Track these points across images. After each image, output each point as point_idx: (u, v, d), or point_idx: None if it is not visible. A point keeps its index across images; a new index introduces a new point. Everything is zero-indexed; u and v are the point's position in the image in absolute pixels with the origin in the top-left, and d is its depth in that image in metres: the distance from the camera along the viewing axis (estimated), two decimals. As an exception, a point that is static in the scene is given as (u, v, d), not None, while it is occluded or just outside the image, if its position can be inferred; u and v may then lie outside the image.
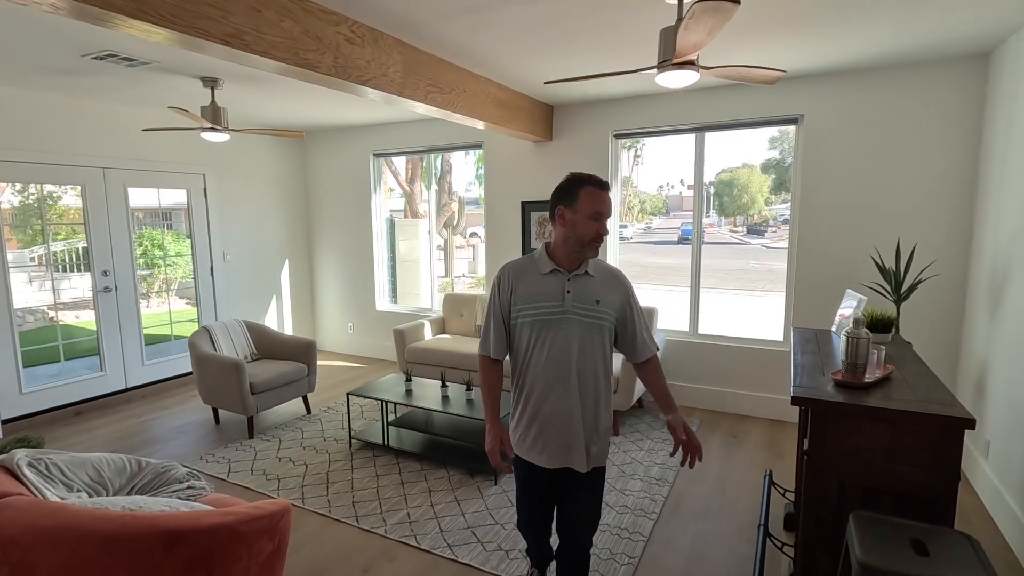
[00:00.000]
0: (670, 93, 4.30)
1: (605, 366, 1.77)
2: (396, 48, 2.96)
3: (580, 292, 1.73)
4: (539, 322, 1.73)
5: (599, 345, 1.74)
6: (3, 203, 4.15)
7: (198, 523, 1.72)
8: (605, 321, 1.75)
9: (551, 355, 1.72)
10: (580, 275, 1.75)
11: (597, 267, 1.80)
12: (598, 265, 1.80)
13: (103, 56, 3.20)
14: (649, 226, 23.10)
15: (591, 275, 1.76)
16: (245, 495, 3.19)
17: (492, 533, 2.78)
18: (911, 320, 3.69)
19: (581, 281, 1.75)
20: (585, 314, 1.72)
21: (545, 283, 1.75)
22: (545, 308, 1.73)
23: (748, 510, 2.97)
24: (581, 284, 1.74)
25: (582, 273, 1.75)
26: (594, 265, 1.79)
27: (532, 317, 1.74)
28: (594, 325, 1.73)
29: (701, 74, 2.38)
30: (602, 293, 1.75)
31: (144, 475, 2.42)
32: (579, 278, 1.75)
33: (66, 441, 3.97)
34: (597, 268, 1.79)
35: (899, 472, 1.67)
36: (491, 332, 1.85)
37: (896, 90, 3.63)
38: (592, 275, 1.76)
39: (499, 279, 1.82)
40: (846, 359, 1.86)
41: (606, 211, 1.71)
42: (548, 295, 1.73)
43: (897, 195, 3.71)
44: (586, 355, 1.73)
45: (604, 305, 1.74)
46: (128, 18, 1.87)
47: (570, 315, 1.71)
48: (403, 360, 4.84)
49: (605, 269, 1.82)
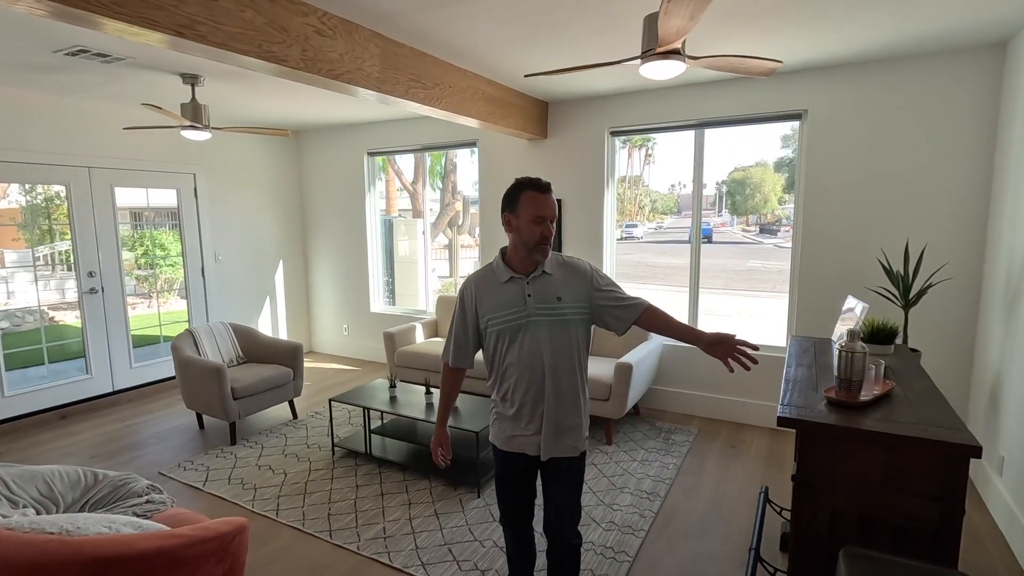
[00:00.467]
0: (668, 89, 4.13)
1: (578, 357, 1.80)
2: (373, 41, 2.83)
3: (540, 293, 1.75)
4: (507, 329, 1.77)
5: (569, 340, 1.77)
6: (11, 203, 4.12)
7: (132, 548, 1.59)
8: (571, 316, 1.76)
9: (522, 356, 1.76)
10: (538, 276, 1.77)
11: (554, 263, 1.80)
12: (555, 260, 1.81)
13: (75, 52, 3.11)
14: (660, 226, 22.79)
15: (549, 273, 1.78)
16: (218, 506, 3.08)
17: (469, 551, 2.64)
18: (920, 327, 3.49)
19: (540, 282, 1.77)
20: (549, 314, 1.75)
21: (506, 291, 1.78)
22: (510, 315, 1.76)
23: (744, 529, 2.80)
24: (540, 285, 1.76)
25: (539, 274, 1.77)
26: (551, 262, 1.79)
27: (500, 325, 1.78)
28: (560, 322, 1.75)
29: (689, 64, 2.23)
30: (562, 289, 1.76)
31: (100, 489, 2.31)
32: (537, 279, 1.77)
33: (47, 446, 3.90)
34: (554, 264, 1.80)
35: (897, 502, 1.51)
36: (451, 342, 1.91)
37: (905, 83, 3.43)
38: (550, 273, 1.78)
39: (462, 293, 1.87)
40: (839, 375, 1.69)
41: (548, 213, 1.72)
42: (510, 302, 1.76)
43: (906, 194, 3.51)
44: (558, 352, 1.75)
45: (567, 300, 1.76)
46: (70, 7, 1.75)
47: (534, 317, 1.74)
48: (392, 364, 4.71)
49: (562, 264, 1.82)
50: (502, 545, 2.67)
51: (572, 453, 1.81)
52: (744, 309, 9.89)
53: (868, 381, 1.74)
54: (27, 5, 1.73)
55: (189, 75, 3.65)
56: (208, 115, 3.83)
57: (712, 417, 4.28)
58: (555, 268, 1.79)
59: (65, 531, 1.69)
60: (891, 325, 2.22)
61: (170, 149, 4.97)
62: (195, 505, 3.10)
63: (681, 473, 3.40)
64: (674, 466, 3.47)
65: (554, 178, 4.72)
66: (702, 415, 4.32)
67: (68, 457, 3.71)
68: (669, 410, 4.43)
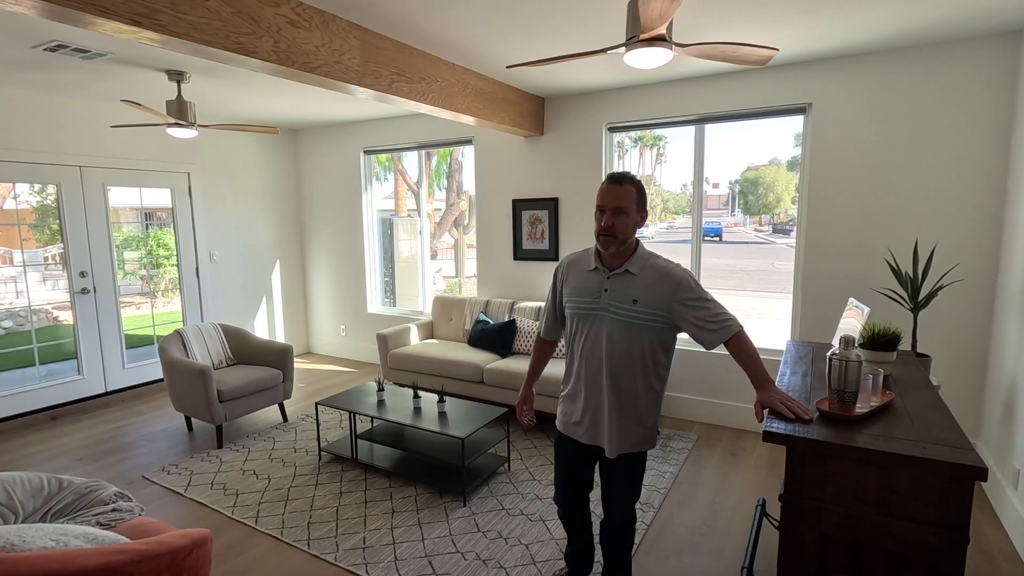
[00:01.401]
0: (666, 83, 3.98)
1: (645, 362, 1.77)
2: (352, 33, 2.73)
3: (618, 291, 1.76)
4: (580, 315, 1.83)
5: (637, 342, 1.75)
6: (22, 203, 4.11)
7: (70, 566, 1.50)
8: (644, 321, 1.74)
9: (586, 346, 1.81)
10: (620, 274, 1.77)
11: (645, 265, 1.77)
12: (648, 263, 1.78)
13: (54, 48, 3.04)
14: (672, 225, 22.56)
15: (633, 274, 1.76)
16: (197, 512, 3.00)
17: (450, 564, 2.53)
18: (930, 331, 3.32)
19: (621, 280, 1.76)
20: (620, 313, 1.75)
21: (588, 279, 1.82)
22: (585, 303, 1.81)
23: (739, 544, 2.65)
24: (620, 283, 1.76)
25: (622, 272, 1.76)
26: (641, 263, 1.77)
27: (574, 309, 1.84)
28: (630, 324, 1.74)
29: (676, 52, 2.09)
30: (642, 293, 1.73)
31: (64, 496, 2.23)
32: (619, 277, 1.77)
33: (34, 447, 3.86)
34: (645, 267, 1.77)
35: (894, 528, 1.37)
36: (544, 315, 2.06)
37: (915, 74, 3.26)
38: (635, 274, 1.76)
39: (556, 270, 1.97)
40: (832, 385, 1.55)
41: (607, 203, 1.72)
42: (588, 291, 1.81)
43: (915, 191, 3.34)
44: (618, 352, 1.75)
45: (643, 305, 1.73)
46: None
47: (604, 312, 1.76)
48: (386, 366, 4.62)
49: (654, 267, 1.77)
50: (485, 557, 2.56)
51: (631, 448, 1.82)
52: (754, 310, 9.68)
53: (865, 392, 1.59)
54: None
55: (174, 72, 3.58)
56: (195, 112, 3.76)
57: (713, 423, 4.13)
58: (644, 270, 1.76)
59: (10, 545, 1.61)
60: (893, 330, 2.06)
61: (164, 148, 4.92)
62: (174, 510, 3.02)
63: (677, 482, 3.26)
64: (670, 475, 3.33)
65: (551, 175, 4.59)
66: (702, 421, 4.17)
67: (54, 460, 3.66)
68: (668, 415, 4.28)
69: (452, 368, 4.22)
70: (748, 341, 1.72)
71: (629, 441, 1.82)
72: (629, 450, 1.83)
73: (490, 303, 4.76)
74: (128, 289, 4.96)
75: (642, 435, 1.83)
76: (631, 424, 1.81)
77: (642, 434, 1.83)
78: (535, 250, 4.76)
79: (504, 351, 4.35)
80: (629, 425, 1.80)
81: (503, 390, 4.01)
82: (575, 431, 1.89)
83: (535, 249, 4.76)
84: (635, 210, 1.74)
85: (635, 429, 1.81)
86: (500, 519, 2.88)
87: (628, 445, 1.82)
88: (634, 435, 1.82)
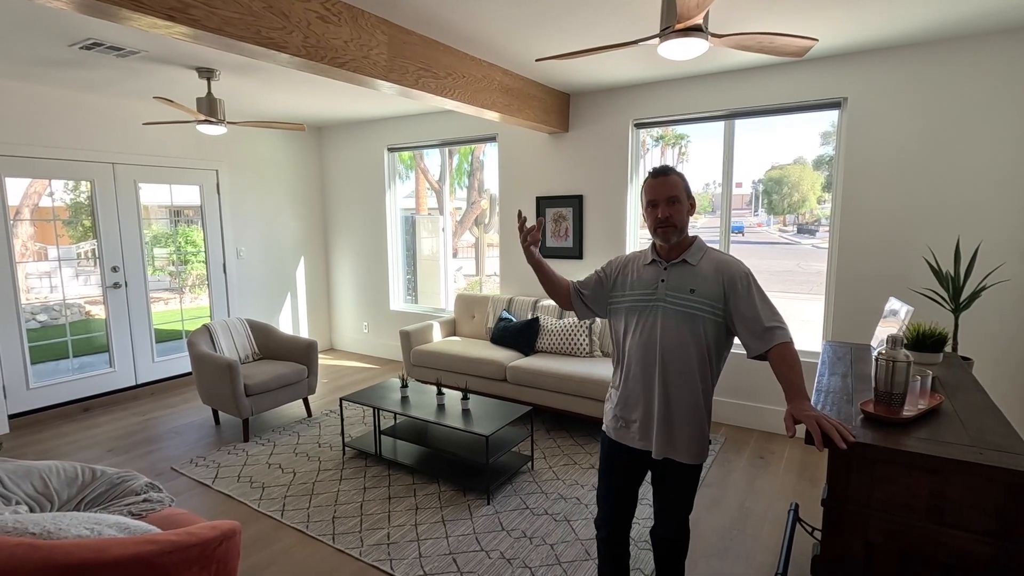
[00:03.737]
0: (695, 77, 3.90)
1: (700, 357, 1.70)
2: (380, 28, 2.72)
3: (676, 281, 1.72)
4: (634, 308, 1.78)
5: (692, 335, 1.69)
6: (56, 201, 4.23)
7: (104, 555, 1.52)
8: (700, 311, 1.68)
9: (641, 339, 1.76)
10: (678, 264, 1.74)
11: (704, 257, 1.74)
12: (706, 255, 1.75)
13: (89, 46, 3.10)
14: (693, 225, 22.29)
15: (691, 264, 1.73)
16: (225, 504, 3.03)
17: (475, 562, 2.51)
18: (972, 333, 3.19)
19: (679, 270, 1.73)
20: (677, 303, 1.70)
21: (645, 273, 1.80)
22: (640, 295, 1.77)
23: (770, 549, 2.59)
24: (678, 273, 1.73)
25: (680, 262, 1.74)
26: (699, 254, 1.74)
27: (628, 304, 1.80)
28: (686, 314, 1.69)
29: (712, 43, 2.04)
30: (699, 283, 1.70)
31: (97, 486, 2.27)
32: (676, 267, 1.74)
33: (67, 438, 3.95)
34: (704, 258, 1.74)
35: (946, 538, 1.30)
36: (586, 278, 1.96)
37: (958, 66, 3.14)
38: (693, 264, 1.73)
39: (610, 262, 1.93)
40: (879, 387, 1.49)
41: (659, 196, 1.70)
42: (644, 284, 1.78)
43: (957, 188, 3.22)
44: (673, 343, 1.70)
45: (700, 295, 1.69)
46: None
47: (660, 303, 1.73)
48: (408, 363, 4.62)
49: (713, 259, 1.74)
50: (510, 556, 2.54)
51: (684, 458, 1.74)
52: (781, 311, 9.49)
53: (912, 394, 1.53)
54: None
55: (205, 69, 3.63)
56: (224, 110, 3.81)
57: (740, 425, 4.04)
58: (703, 261, 1.73)
59: (47, 532, 1.63)
60: (940, 331, 1.98)
61: (193, 146, 5.00)
62: (202, 502, 3.06)
63: (704, 485, 3.19)
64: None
65: (576, 173, 4.55)
66: (729, 423, 4.08)
67: (87, 450, 3.74)
68: (694, 416, 4.20)
69: (475, 366, 4.21)
70: (793, 352, 1.60)
71: (681, 443, 1.72)
72: (679, 457, 1.73)
73: (513, 301, 4.74)
74: (157, 285, 5.05)
75: (692, 437, 1.72)
76: (683, 422, 1.72)
77: (692, 436, 1.72)
78: (559, 248, 4.72)
79: (527, 349, 4.32)
80: (681, 422, 1.72)
81: (526, 388, 3.98)
82: (624, 434, 1.81)
83: (559, 247, 4.72)
84: (685, 198, 1.72)
85: (686, 429, 1.72)
86: (524, 518, 2.86)
87: (681, 448, 1.72)
88: (684, 436, 1.72)
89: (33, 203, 4.38)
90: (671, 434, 1.73)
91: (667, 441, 1.74)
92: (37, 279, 4.46)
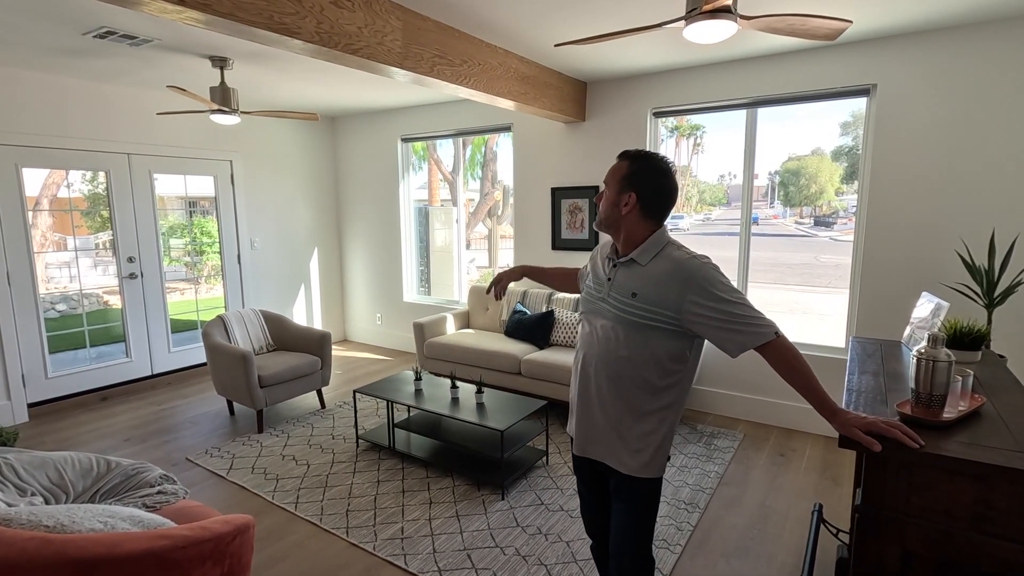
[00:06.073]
0: (716, 64, 3.79)
1: (642, 374, 1.49)
2: (394, 13, 2.66)
3: (620, 281, 1.52)
4: (586, 302, 1.64)
5: (634, 346, 1.48)
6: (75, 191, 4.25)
7: (117, 550, 1.50)
8: (643, 318, 1.46)
9: (582, 339, 1.63)
10: (626, 262, 1.53)
11: (656, 255, 1.49)
12: (661, 252, 1.49)
13: (103, 34, 3.08)
14: (708, 217, 22.04)
15: (639, 264, 1.50)
16: (239, 495, 3.03)
17: (489, 558, 2.47)
18: (1005, 330, 3.08)
19: (625, 270, 1.53)
20: (618, 306, 1.50)
21: (600, 267, 1.63)
22: (592, 290, 1.62)
23: (792, 549, 2.52)
24: (624, 273, 1.52)
25: (628, 260, 1.52)
26: (651, 252, 1.49)
27: (584, 296, 1.67)
28: (627, 322, 1.48)
29: (741, 25, 1.95)
30: (644, 286, 1.46)
31: (112, 478, 2.27)
32: (624, 266, 1.53)
33: (85, 427, 3.98)
34: (656, 256, 1.49)
35: (988, 547, 1.23)
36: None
37: (992, 52, 3.00)
38: (641, 264, 1.49)
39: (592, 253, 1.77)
40: (917, 388, 1.41)
41: (607, 179, 1.54)
42: (598, 278, 1.61)
43: (992, 178, 3.09)
44: (611, 352, 1.51)
45: (643, 300, 1.46)
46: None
47: (604, 303, 1.55)
48: (422, 355, 4.60)
49: (667, 258, 1.47)
50: (525, 553, 2.50)
51: (620, 467, 1.54)
52: (799, 305, 9.34)
53: (952, 395, 1.45)
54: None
55: (218, 58, 3.59)
56: (238, 99, 3.78)
57: (759, 421, 3.96)
58: (653, 261, 1.48)
59: (61, 525, 1.62)
60: (979, 328, 1.89)
61: (207, 136, 4.99)
62: (217, 493, 3.06)
63: (723, 483, 3.13)
64: (716, 474, 3.20)
65: (592, 163, 4.46)
66: (748, 419, 4.00)
67: (104, 439, 3.77)
68: (712, 412, 4.13)
69: (489, 359, 4.17)
70: (790, 349, 1.39)
71: (614, 446, 1.55)
72: (613, 463, 1.56)
73: (527, 293, 4.68)
74: (173, 275, 5.07)
75: (630, 454, 1.53)
76: (618, 439, 1.54)
77: (630, 453, 1.53)
78: (574, 240, 4.64)
79: (542, 342, 4.27)
80: (617, 439, 1.54)
81: (541, 382, 3.93)
82: (574, 444, 1.67)
83: (574, 239, 4.64)
84: (620, 188, 1.49)
85: (622, 446, 1.53)
86: (539, 514, 2.82)
87: (617, 453, 1.55)
88: (620, 452, 1.54)
89: (52, 194, 4.41)
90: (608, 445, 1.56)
91: (588, 441, 1.61)
92: (56, 269, 4.49)
